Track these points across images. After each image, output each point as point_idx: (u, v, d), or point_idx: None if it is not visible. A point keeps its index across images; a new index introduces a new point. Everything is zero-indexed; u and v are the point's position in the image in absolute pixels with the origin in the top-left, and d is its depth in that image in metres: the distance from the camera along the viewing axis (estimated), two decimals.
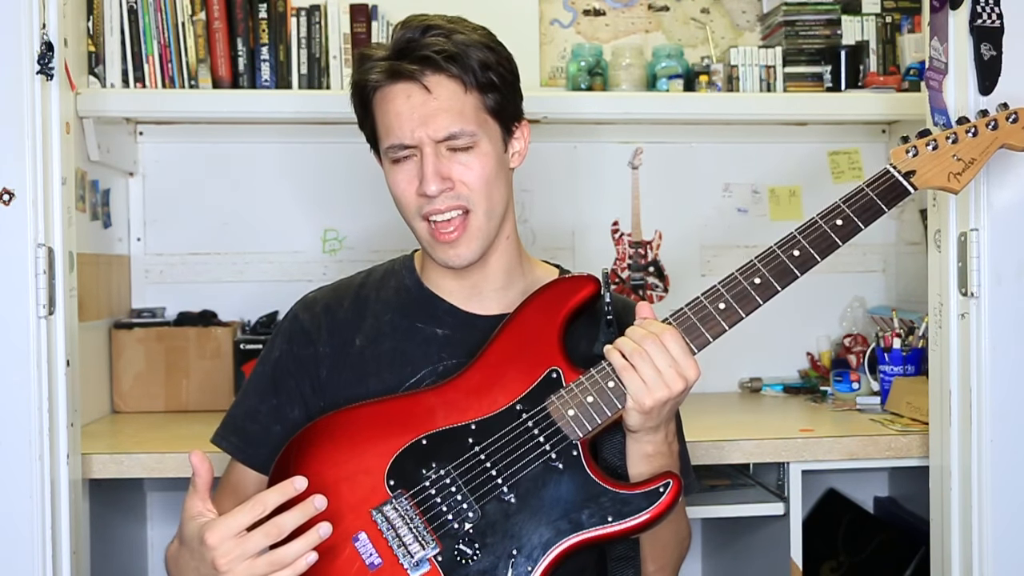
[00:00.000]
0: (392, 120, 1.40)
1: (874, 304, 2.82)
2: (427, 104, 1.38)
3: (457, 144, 1.40)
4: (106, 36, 2.44)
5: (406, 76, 1.39)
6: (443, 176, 1.40)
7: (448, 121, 1.39)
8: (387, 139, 1.42)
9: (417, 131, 1.39)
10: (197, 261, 2.67)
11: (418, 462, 1.34)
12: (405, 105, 1.39)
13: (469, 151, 1.41)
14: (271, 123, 2.63)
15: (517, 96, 1.48)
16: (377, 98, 1.42)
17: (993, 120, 1.46)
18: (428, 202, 1.41)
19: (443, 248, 1.43)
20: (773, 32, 2.74)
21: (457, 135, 1.39)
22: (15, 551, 1.57)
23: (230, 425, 1.54)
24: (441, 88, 1.39)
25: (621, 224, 2.78)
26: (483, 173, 1.41)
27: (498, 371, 1.39)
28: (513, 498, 1.32)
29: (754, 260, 1.38)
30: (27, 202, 1.56)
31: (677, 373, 1.31)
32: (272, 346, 1.54)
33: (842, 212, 1.40)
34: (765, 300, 1.37)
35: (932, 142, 1.44)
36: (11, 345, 1.57)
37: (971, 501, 1.66)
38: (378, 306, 1.52)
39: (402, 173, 1.42)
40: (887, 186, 1.42)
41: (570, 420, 1.34)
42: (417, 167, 1.41)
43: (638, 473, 1.39)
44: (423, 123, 1.38)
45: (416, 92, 1.39)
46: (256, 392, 1.53)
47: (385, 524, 1.31)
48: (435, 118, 1.38)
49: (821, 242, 1.38)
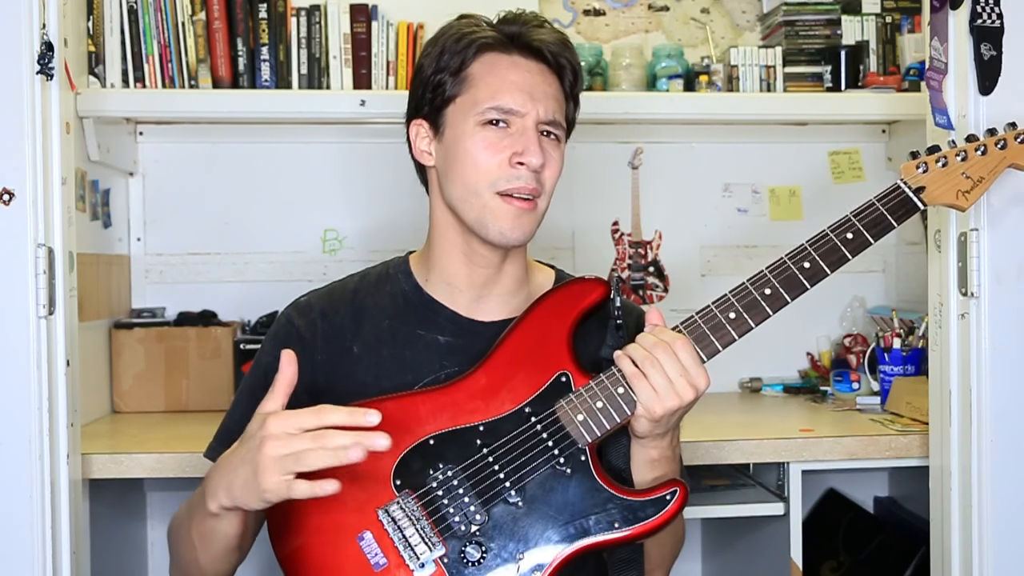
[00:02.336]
0: (505, 85, 1.40)
1: (874, 304, 2.82)
2: (544, 85, 1.42)
3: (553, 130, 1.43)
4: (106, 36, 2.44)
5: (533, 52, 1.42)
6: None
7: (556, 107, 1.43)
8: (491, 100, 1.40)
9: (529, 102, 1.40)
10: (197, 261, 2.67)
11: (425, 462, 1.34)
12: (525, 76, 1.41)
13: (555, 143, 1.45)
14: (271, 123, 2.63)
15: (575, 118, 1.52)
16: (487, 59, 1.42)
17: (1002, 140, 1.46)
18: (516, 176, 1.40)
19: (510, 218, 1.40)
20: (773, 32, 2.74)
21: (556, 123, 1.43)
22: (15, 551, 1.56)
23: (222, 437, 1.50)
24: (553, 80, 1.44)
25: (621, 224, 2.78)
26: (558, 168, 1.45)
27: (507, 373, 1.38)
28: (520, 501, 1.32)
29: (764, 271, 1.38)
30: (27, 202, 1.56)
31: (688, 382, 1.31)
32: (264, 351, 1.51)
33: (852, 226, 1.40)
34: (775, 311, 1.37)
35: (942, 159, 1.44)
36: (11, 345, 1.56)
37: (971, 501, 1.66)
38: (375, 312, 1.49)
39: (492, 138, 1.40)
40: (897, 201, 1.42)
41: (579, 425, 1.34)
42: (511, 138, 1.40)
43: (642, 478, 1.39)
44: (538, 100, 1.40)
45: (537, 70, 1.42)
46: (247, 401, 1.48)
47: (391, 524, 1.31)
48: (548, 99, 1.42)
49: (831, 255, 1.39)
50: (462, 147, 1.41)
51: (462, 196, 1.42)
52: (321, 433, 1.21)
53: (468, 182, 1.41)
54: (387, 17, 2.53)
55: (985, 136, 1.48)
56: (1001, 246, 1.64)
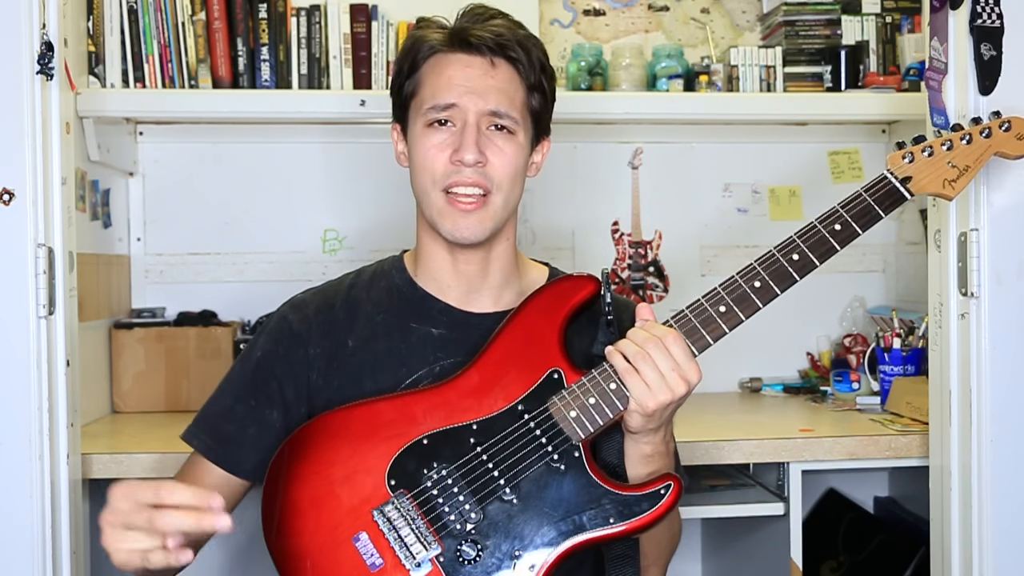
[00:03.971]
0: (444, 83, 1.41)
1: (874, 304, 2.82)
2: (485, 78, 1.41)
3: (501, 122, 1.42)
4: (106, 36, 2.44)
5: (472, 48, 1.41)
6: (480, 150, 1.40)
7: (500, 99, 1.41)
8: (431, 100, 1.41)
9: (466, 97, 1.40)
10: (197, 261, 2.67)
11: (419, 462, 1.34)
12: (463, 73, 1.41)
13: (508, 136, 1.43)
14: (271, 123, 2.63)
15: (551, 109, 1.50)
16: (433, 60, 1.43)
17: (987, 128, 1.46)
18: (456, 172, 1.41)
19: (455, 218, 1.42)
20: (773, 32, 2.74)
21: (503, 114, 1.41)
22: (15, 551, 1.57)
23: (203, 423, 1.51)
24: (501, 70, 1.42)
25: (621, 224, 2.78)
26: (513, 161, 1.43)
27: (499, 371, 1.38)
28: (515, 499, 1.32)
29: (754, 263, 1.38)
30: (27, 202, 1.56)
31: (680, 376, 1.31)
32: (254, 346, 1.52)
33: (840, 217, 1.40)
34: (764, 303, 1.37)
35: (928, 148, 1.44)
36: (11, 345, 1.57)
37: (971, 501, 1.66)
38: (369, 307, 1.50)
39: (435, 138, 1.42)
40: (884, 191, 1.42)
41: (572, 421, 1.34)
42: (453, 137, 1.41)
43: (636, 473, 1.39)
44: (476, 94, 1.40)
45: (478, 64, 1.41)
46: (233, 392, 1.50)
47: (386, 524, 1.31)
48: (489, 93, 1.40)
49: (820, 246, 1.39)
50: (414, 149, 1.45)
51: (420, 196, 1.46)
52: (156, 514, 1.15)
53: (421, 182, 1.44)
54: (387, 17, 2.53)
55: (970, 125, 1.48)
56: (1001, 246, 1.64)
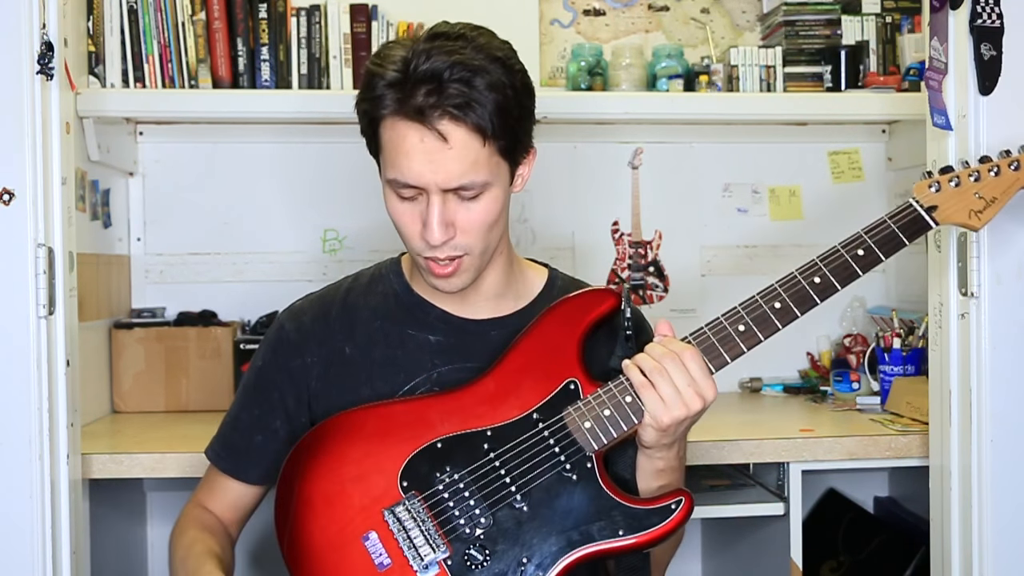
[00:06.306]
0: (401, 158, 1.31)
1: (874, 304, 2.82)
2: (441, 152, 1.29)
3: (466, 194, 1.33)
4: (106, 36, 2.44)
5: (424, 117, 1.29)
6: (447, 223, 1.33)
7: (461, 171, 1.30)
8: (392, 172, 1.33)
9: (426, 176, 1.30)
10: (197, 261, 2.67)
11: (432, 465, 1.35)
12: (418, 147, 1.30)
13: (477, 198, 1.34)
14: (271, 123, 2.63)
15: (530, 125, 1.39)
16: (389, 123, 1.32)
17: (1016, 161, 1.46)
18: (428, 248, 1.35)
19: (433, 278, 1.40)
20: (773, 32, 2.74)
21: (468, 186, 1.32)
22: (15, 551, 1.56)
23: (218, 436, 1.55)
24: (456, 137, 1.29)
25: (621, 224, 2.78)
26: (486, 218, 1.35)
27: (516, 379, 1.39)
28: (525, 507, 1.33)
29: (775, 284, 1.39)
30: (27, 202, 1.56)
31: (696, 392, 1.32)
32: (257, 356, 1.54)
33: (864, 243, 1.40)
34: (784, 325, 1.39)
35: (955, 179, 1.45)
36: (11, 345, 1.56)
37: (971, 501, 1.66)
38: (366, 313, 1.50)
39: (406, 211, 1.36)
40: (909, 219, 1.42)
41: (586, 432, 1.34)
42: (421, 209, 1.34)
43: (648, 487, 1.39)
44: (434, 170, 1.30)
45: (431, 139, 1.29)
46: (239, 402, 1.54)
47: (396, 525, 1.32)
48: (447, 167, 1.30)
49: (842, 271, 1.39)
50: (387, 201, 1.38)
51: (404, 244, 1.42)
52: None
53: (401, 237, 1.39)
54: (387, 17, 2.54)
55: (999, 157, 1.48)
56: (1001, 246, 1.64)
